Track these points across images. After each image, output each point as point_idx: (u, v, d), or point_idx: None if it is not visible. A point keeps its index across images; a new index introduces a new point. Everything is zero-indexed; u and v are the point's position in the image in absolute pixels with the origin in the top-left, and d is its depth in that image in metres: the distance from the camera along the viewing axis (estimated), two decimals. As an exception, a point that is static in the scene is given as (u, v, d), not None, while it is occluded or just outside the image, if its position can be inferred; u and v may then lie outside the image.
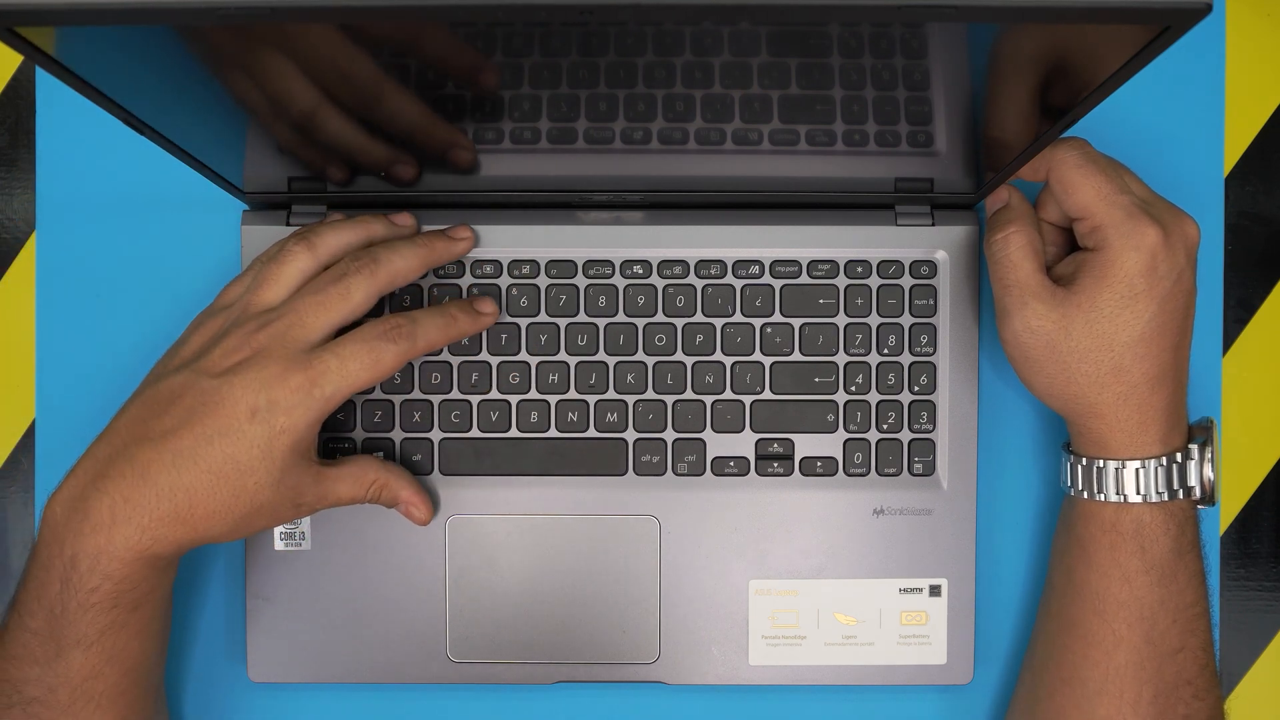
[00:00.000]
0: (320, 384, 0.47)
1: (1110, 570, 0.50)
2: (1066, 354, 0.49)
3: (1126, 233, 0.48)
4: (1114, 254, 0.48)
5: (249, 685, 0.57)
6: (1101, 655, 0.50)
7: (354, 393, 0.48)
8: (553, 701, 0.58)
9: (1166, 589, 0.49)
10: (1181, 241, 0.48)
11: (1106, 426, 0.50)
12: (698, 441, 0.55)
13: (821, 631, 0.55)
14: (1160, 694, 0.50)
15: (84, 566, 0.46)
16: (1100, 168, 0.48)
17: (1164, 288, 0.48)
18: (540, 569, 0.55)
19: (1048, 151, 0.49)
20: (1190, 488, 0.50)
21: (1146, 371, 0.49)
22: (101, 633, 0.47)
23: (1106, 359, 0.48)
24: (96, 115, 0.44)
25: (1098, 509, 0.50)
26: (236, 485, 0.46)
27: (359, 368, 0.47)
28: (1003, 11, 0.34)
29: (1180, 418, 0.50)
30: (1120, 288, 0.48)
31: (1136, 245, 0.47)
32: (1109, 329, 0.48)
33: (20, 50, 0.36)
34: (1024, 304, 0.49)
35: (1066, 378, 0.49)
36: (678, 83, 0.43)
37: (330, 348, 0.48)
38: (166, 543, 0.46)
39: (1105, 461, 0.50)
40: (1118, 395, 0.49)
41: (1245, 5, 0.58)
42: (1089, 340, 0.48)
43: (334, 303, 0.48)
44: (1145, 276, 0.48)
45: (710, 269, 0.55)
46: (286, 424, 0.46)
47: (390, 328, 0.49)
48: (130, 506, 0.46)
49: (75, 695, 0.47)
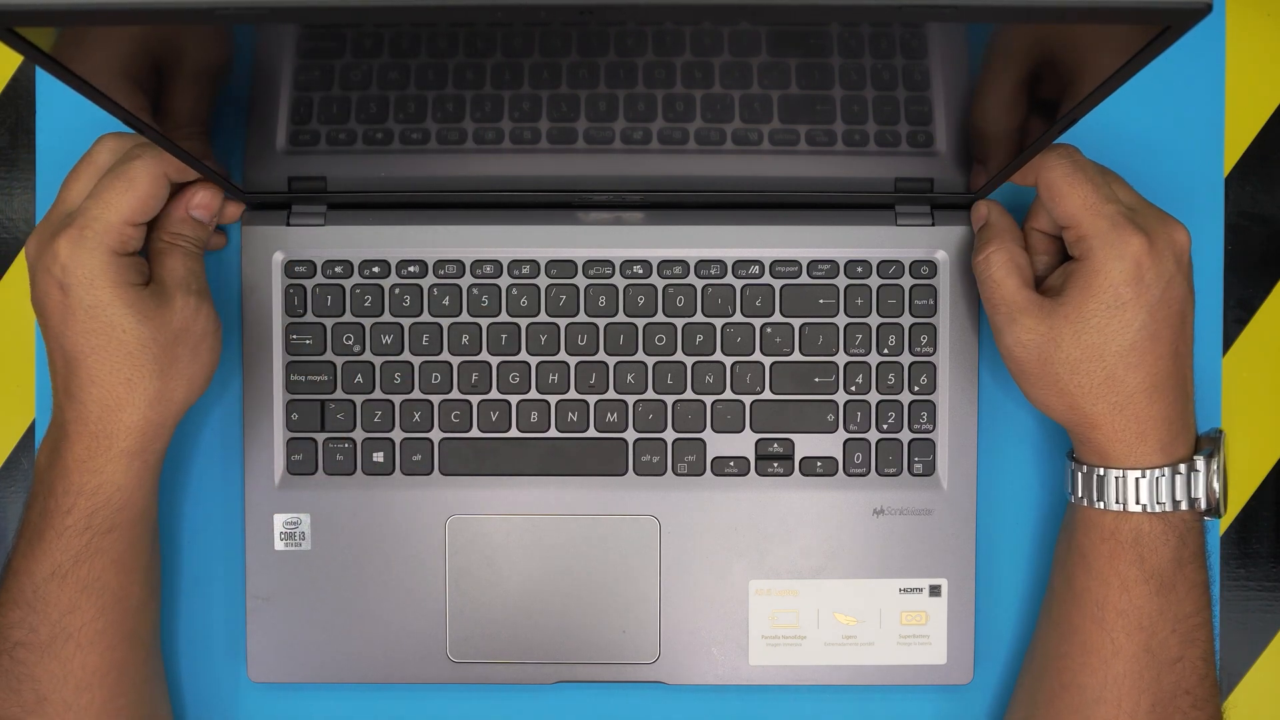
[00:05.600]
0: (89, 225, 0.48)
1: (1109, 578, 0.50)
2: (1058, 366, 0.49)
3: (1111, 242, 0.47)
4: (1098, 263, 0.48)
5: (249, 685, 0.57)
6: (1099, 663, 0.50)
7: (128, 219, 0.48)
8: (553, 701, 0.58)
9: (1165, 598, 0.49)
10: (1169, 248, 0.48)
11: (1104, 437, 0.50)
12: (698, 441, 0.55)
13: (821, 631, 0.55)
14: (1159, 703, 0.49)
15: (58, 489, 0.49)
16: (1088, 176, 0.48)
17: (1152, 295, 0.48)
18: (540, 569, 0.55)
19: (1037, 159, 0.49)
20: (1195, 499, 0.50)
21: (1142, 381, 0.48)
22: (76, 559, 0.49)
23: (1098, 369, 0.48)
24: (96, 115, 0.44)
25: (1098, 517, 0.50)
26: (112, 344, 0.48)
27: (114, 194, 0.48)
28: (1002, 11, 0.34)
29: (1185, 427, 0.50)
30: (1106, 297, 0.48)
31: (1120, 254, 0.47)
32: (1098, 339, 0.48)
33: (20, 50, 0.36)
34: (1012, 320, 0.50)
35: (1060, 389, 0.49)
36: (678, 83, 0.43)
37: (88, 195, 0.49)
38: (120, 433, 0.49)
39: (1106, 470, 0.50)
40: (1112, 405, 0.49)
41: (1245, 5, 0.58)
42: (1078, 351, 0.48)
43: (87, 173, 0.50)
44: (1131, 285, 0.47)
45: (710, 269, 0.55)
46: (85, 273, 0.47)
47: (129, 148, 0.49)
48: (75, 420, 0.49)
49: (54, 632, 0.49)
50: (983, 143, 0.49)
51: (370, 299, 0.55)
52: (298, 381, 0.55)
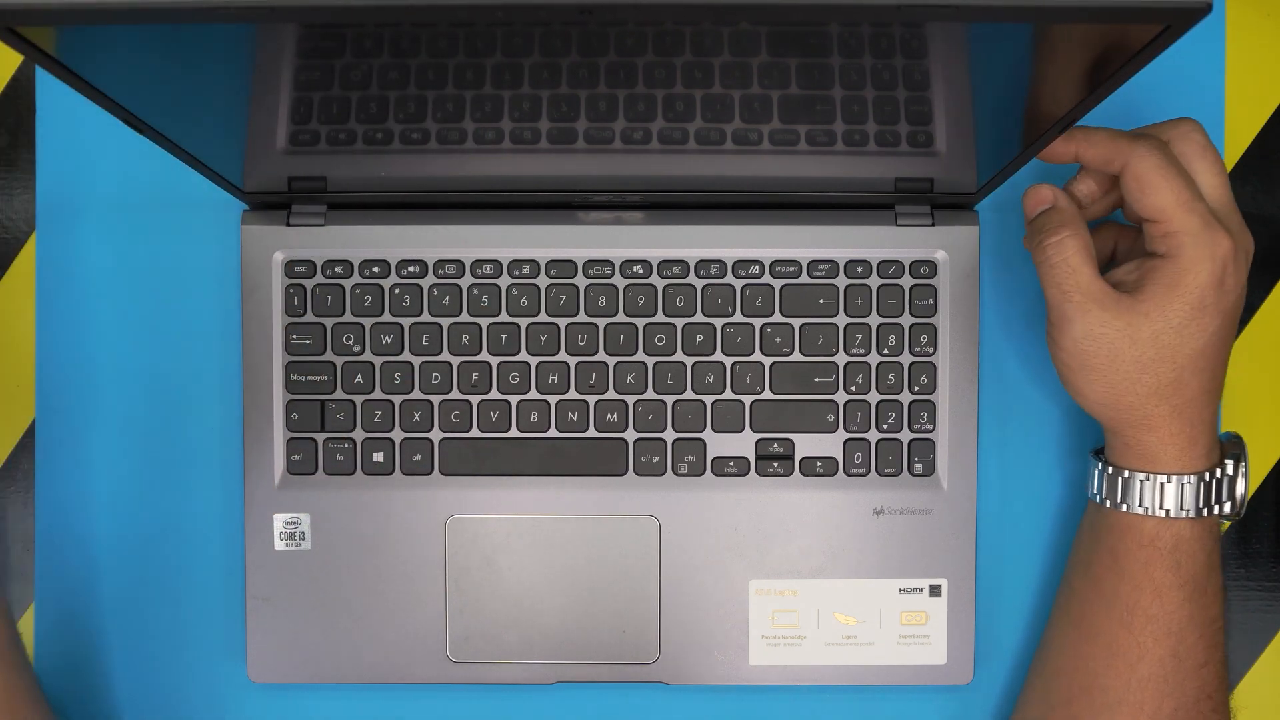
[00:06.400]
0: None
1: (1143, 583, 0.49)
2: (1129, 364, 0.47)
3: (1204, 242, 0.46)
4: (1188, 263, 0.46)
5: (249, 685, 0.57)
6: (1125, 667, 0.49)
7: None
8: (553, 701, 0.58)
9: (1196, 604, 0.49)
10: (1245, 255, 0.47)
11: (1158, 440, 0.48)
12: (698, 441, 0.55)
13: (821, 631, 0.55)
14: (1181, 707, 0.49)
15: None
16: (1179, 171, 0.47)
17: (1229, 301, 0.47)
18: (540, 569, 0.55)
19: (1125, 147, 0.47)
20: (1223, 503, 0.49)
21: (1203, 385, 0.48)
22: None
23: (1168, 371, 0.47)
24: (96, 115, 0.44)
25: (1136, 522, 0.49)
26: None
27: None
28: (1001, 11, 0.34)
29: (1216, 433, 0.50)
30: (1192, 298, 0.46)
31: (1211, 255, 0.46)
32: (1175, 341, 0.47)
33: (20, 50, 0.36)
34: (1086, 311, 0.47)
35: (1125, 387, 0.48)
36: (678, 82, 0.43)
37: None
38: None
39: (1148, 474, 0.49)
40: (1174, 409, 0.48)
41: (1245, 5, 0.58)
42: (1153, 351, 0.47)
43: None
44: (1215, 289, 0.46)
45: (710, 269, 0.55)
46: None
47: None
48: None
49: None
50: (983, 142, 0.49)
51: (370, 299, 0.55)
52: (298, 381, 0.55)
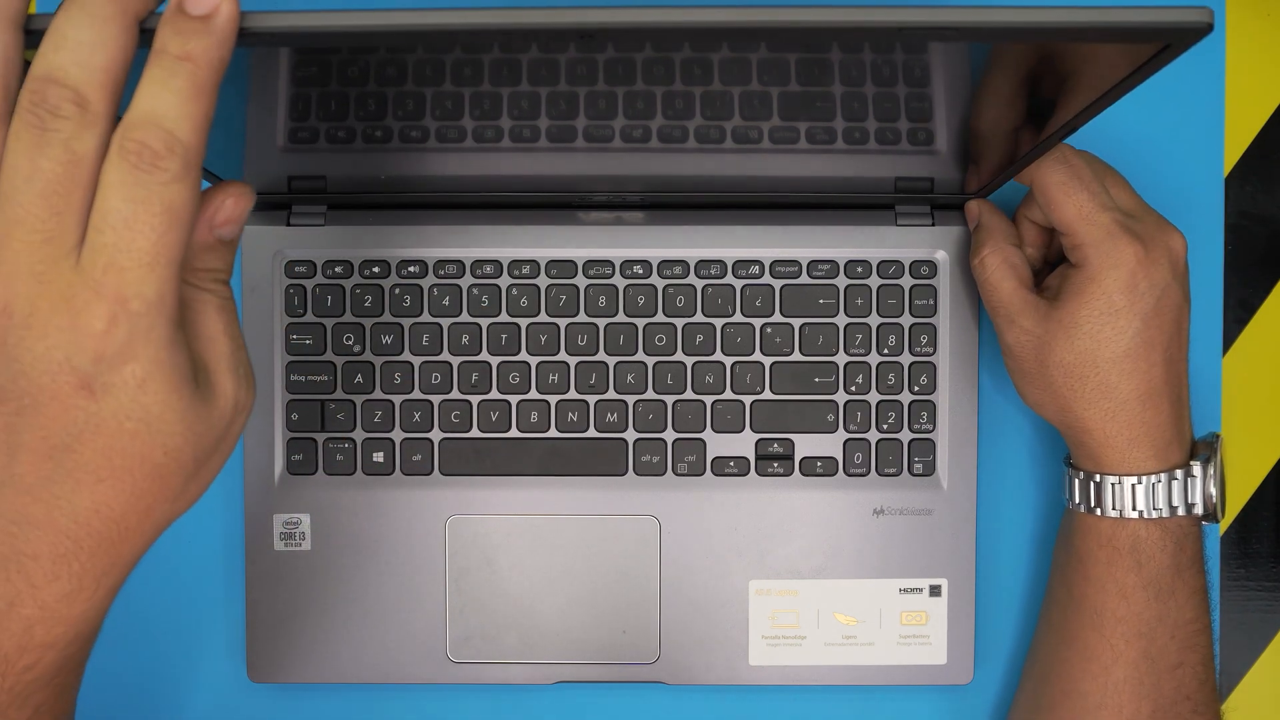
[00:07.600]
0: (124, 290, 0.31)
1: (1108, 585, 0.50)
2: (1055, 369, 0.49)
3: (1106, 251, 0.48)
4: (1092, 271, 0.48)
5: (249, 685, 0.57)
6: (1100, 670, 0.50)
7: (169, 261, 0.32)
8: (553, 701, 0.58)
9: (1164, 605, 0.49)
10: (1165, 256, 0.48)
11: (1096, 443, 0.50)
12: (698, 441, 0.55)
13: (821, 631, 0.55)
14: (1159, 709, 0.49)
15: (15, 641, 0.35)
16: (1083, 184, 0.48)
17: (1146, 304, 0.48)
18: (540, 569, 0.55)
19: (1036, 163, 0.49)
20: (1192, 505, 0.50)
21: (1136, 388, 0.48)
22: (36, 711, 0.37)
23: (1092, 375, 0.49)
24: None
25: (1095, 523, 0.50)
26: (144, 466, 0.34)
27: (146, 241, 0.31)
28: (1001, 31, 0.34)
29: (1179, 433, 0.50)
30: (1099, 304, 0.48)
31: (1115, 263, 0.47)
32: (1090, 345, 0.48)
33: (21, 48, 0.36)
34: (1010, 321, 0.50)
35: (1054, 392, 0.50)
36: (677, 80, 0.43)
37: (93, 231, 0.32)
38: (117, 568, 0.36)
39: (1103, 476, 0.50)
40: (1105, 412, 0.49)
41: (1245, 5, 0.58)
42: (1072, 356, 0.49)
43: None
44: (1125, 293, 0.48)
45: (710, 269, 0.55)
46: (138, 370, 0.32)
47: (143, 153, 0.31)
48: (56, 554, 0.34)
49: None
50: (983, 145, 0.49)
51: (370, 299, 0.55)
52: (298, 381, 0.55)
